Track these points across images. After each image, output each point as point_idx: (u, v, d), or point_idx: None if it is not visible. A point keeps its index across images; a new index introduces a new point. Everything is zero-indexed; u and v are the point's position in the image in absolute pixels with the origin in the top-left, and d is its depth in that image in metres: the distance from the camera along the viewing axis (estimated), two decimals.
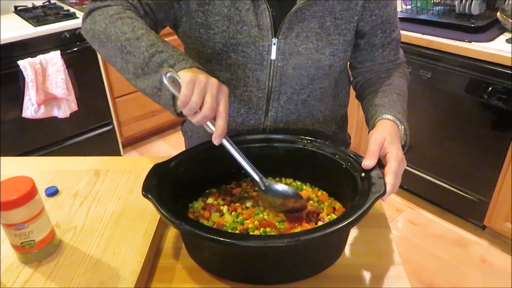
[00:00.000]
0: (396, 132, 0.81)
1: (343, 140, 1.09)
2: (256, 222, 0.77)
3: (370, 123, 0.87)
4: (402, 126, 0.83)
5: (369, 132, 0.83)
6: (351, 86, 1.07)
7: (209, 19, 0.85)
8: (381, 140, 0.77)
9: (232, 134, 0.97)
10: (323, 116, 0.98)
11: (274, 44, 0.85)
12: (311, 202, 0.83)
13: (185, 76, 0.68)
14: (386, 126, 0.81)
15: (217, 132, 0.69)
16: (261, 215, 0.79)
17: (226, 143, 0.73)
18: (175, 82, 0.70)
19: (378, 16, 0.90)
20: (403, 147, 0.82)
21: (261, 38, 0.85)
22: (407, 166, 0.77)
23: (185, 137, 1.14)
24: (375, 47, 0.94)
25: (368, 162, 0.74)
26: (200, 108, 0.68)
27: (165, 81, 0.69)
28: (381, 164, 0.76)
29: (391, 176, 0.72)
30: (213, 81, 0.69)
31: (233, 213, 0.80)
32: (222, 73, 0.90)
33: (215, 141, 0.70)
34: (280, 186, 0.79)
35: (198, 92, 0.67)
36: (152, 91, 0.74)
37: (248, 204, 0.82)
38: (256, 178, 0.77)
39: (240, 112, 0.93)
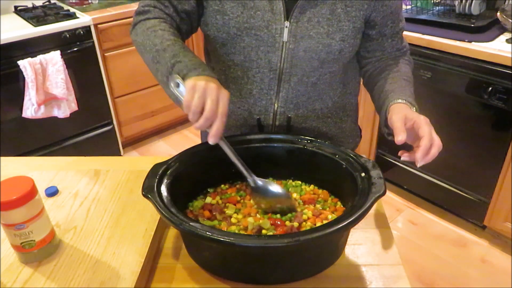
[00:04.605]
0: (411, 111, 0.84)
1: (351, 129, 1.10)
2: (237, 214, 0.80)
3: (383, 108, 0.89)
4: (414, 108, 0.86)
5: (382, 119, 0.87)
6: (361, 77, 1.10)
7: (225, 6, 0.90)
8: (402, 117, 0.79)
9: (232, 134, 0.98)
10: (332, 102, 1.01)
11: (286, 27, 0.89)
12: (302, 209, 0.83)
13: (188, 83, 0.73)
14: (401, 107, 0.84)
15: (212, 132, 0.72)
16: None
17: (222, 144, 0.76)
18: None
19: (388, 6, 0.94)
20: None
21: (273, 22, 0.89)
22: (407, 165, 0.77)
23: (201, 132, 1.17)
24: (385, 37, 0.98)
25: (401, 137, 0.76)
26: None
27: (172, 90, 0.75)
28: (407, 146, 0.77)
29: (430, 132, 0.75)
30: (212, 86, 0.72)
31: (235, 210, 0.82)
32: (236, 56, 0.94)
33: (210, 141, 0.73)
34: (272, 186, 0.82)
35: (198, 97, 0.70)
36: (175, 99, 0.79)
37: (252, 201, 0.83)
38: (247, 176, 0.81)
39: (253, 93, 0.97)
